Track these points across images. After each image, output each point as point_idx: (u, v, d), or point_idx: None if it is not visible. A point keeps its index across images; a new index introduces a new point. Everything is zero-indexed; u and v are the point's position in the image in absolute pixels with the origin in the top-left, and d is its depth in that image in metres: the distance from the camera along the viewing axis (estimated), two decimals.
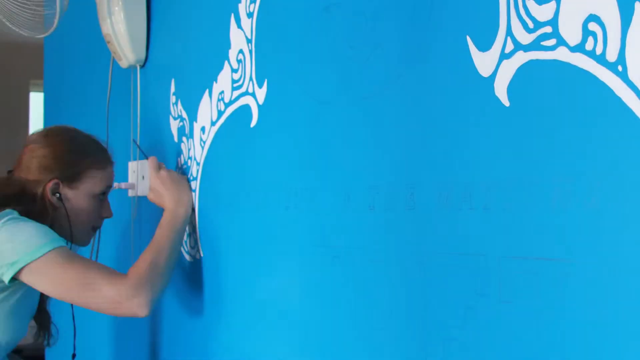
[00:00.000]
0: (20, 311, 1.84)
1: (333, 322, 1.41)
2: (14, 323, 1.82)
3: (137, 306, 1.69)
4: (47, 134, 1.98)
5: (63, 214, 1.87)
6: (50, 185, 1.86)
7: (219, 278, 1.87)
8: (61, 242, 1.73)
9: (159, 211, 2.16)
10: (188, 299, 2.05)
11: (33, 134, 2.00)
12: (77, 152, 1.94)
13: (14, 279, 1.70)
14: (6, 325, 1.81)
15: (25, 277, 1.70)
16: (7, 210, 1.76)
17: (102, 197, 1.96)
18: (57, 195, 1.87)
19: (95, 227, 2.00)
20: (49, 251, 1.69)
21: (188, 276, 2.02)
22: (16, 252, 1.68)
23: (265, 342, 1.65)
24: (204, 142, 1.90)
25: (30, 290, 1.81)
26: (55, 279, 1.70)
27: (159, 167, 1.95)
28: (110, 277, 1.71)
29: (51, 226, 1.80)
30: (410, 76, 1.23)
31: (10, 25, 2.15)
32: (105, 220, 2.04)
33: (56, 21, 2.15)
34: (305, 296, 1.50)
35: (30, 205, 1.83)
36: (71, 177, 1.90)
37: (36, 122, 7.13)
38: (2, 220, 1.72)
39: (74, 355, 2.05)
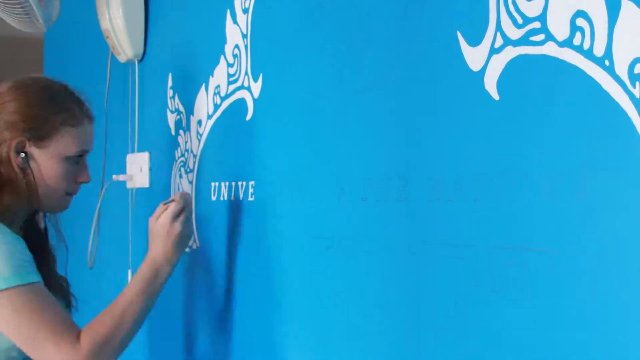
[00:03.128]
0: None
1: (326, 311, 1.43)
2: None
3: None
4: (15, 85, 1.67)
5: (26, 183, 1.59)
6: (14, 143, 1.58)
7: (214, 268, 1.88)
8: (28, 277, 1.50)
9: (156, 203, 2.17)
10: (185, 288, 2.05)
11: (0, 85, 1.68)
12: (48, 106, 1.63)
13: None
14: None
15: None
16: None
17: (77, 159, 1.65)
18: (23, 155, 1.59)
19: (70, 193, 1.68)
20: (5, 289, 1.47)
21: (185, 266, 2.03)
22: None
23: (259, 330, 1.67)
24: (201, 135, 1.91)
25: None
26: (6, 324, 1.49)
27: (156, 218, 1.64)
28: (60, 340, 1.47)
29: (26, 192, 1.59)
30: (402, 71, 1.24)
31: (11, 23, 2.16)
32: (103, 212, 2.00)
33: (53, 18, 2.16)
34: (299, 286, 1.51)
35: None
36: (40, 134, 1.60)
37: None
38: None
39: None
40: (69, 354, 1.46)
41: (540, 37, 1.01)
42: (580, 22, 0.95)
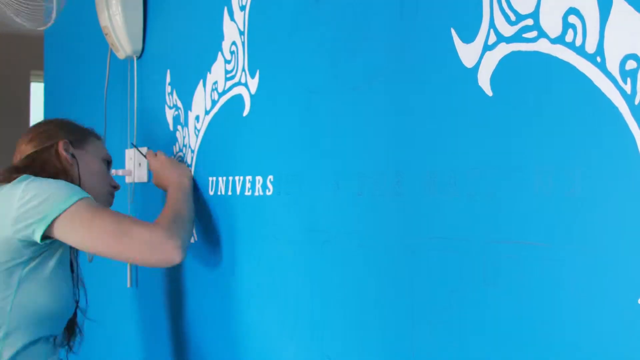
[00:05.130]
0: (59, 276, 1.75)
1: (323, 303, 1.44)
2: (56, 288, 1.73)
3: (172, 249, 1.62)
4: (38, 123, 1.96)
5: (77, 173, 1.82)
6: (61, 144, 1.84)
7: (212, 261, 1.89)
8: (86, 193, 1.67)
9: (155, 197, 2.18)
10: (183, 281, 2.06)
11: (23, 134, 1.93)
12: (75, 124, 1.95)
13: (46, 237, 1.62)
14: (49, 291, 1.71)
15: (57, 232, 1.61)
16: (24, 175, 1.69)
17: (107, 165, 1.95)
18: (70, 153, 1.84)
19: (112, 195, 1.96)
20: (78, 200, 1.62)
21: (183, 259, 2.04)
22: (44, 207, 1.60)
23: (257, 323, 1.67)
24: (199, 131, 1.92)
25: (64, 256, 1.76)
26: (88, 228, 1.61)
27: (155, 154, 1.98)
28: (142, 223, 1.65)
29: (78, 181, 1.82)
30: (397, 67, 1.25)
31: (14, 18, 2.17)
32: None
33: (54, 15, 2.17)
34: (296, 279, 1.52)
35: (45, 166, 1.79)
36: (77, 139, 1.89)
37: (37, 111, 7.13)
38: (24, 183, 1.64)
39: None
40: (157, 230, 1.63)
41: (532, 34, 1.01)
42: (572, 19, 0.96)
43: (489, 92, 1.08)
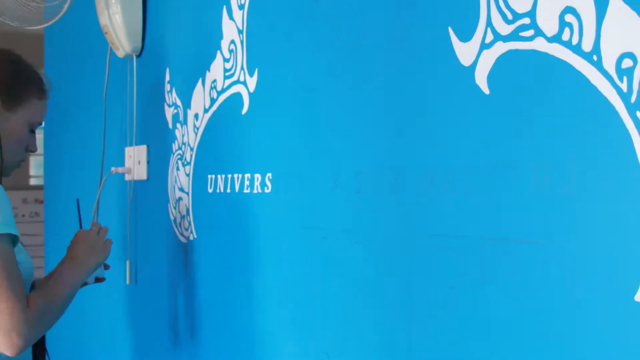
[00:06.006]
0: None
1: (321, 299, 1.44)
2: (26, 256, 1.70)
3: (12, 348, 1.54)
4: None
5: None
6: None
7: (210, 258, 1.89)
8: (6, 226, 1.57)
9: (154, 195, 2.19)
10: (182, 278, 2.06)
11: None
12: (21, 77, 1.79)
13: None
14: (26, 256, 1.69)
15: None
16: None
17: (34, 128, 1.81)
18: None
19: (21, 161, 1.83)
20: None
21: (182, 257, 2.04)
22: None
23: (255, 320, 1.68)
24: (198, 129, 1.92)
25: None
26: None
27: (97, 228, 1.89)
28: (11, 305, 1.53)
29: None
30: (395, 66, 1.26)
31: (9, 22, 2.17)
32: (102, 202, 2.01)
33: (59, 15, 2.18)
34: (295, 276, 1.53)
35: None
36: (12, 98, 1.75)
37: None
38: None
39: None
40: (15, 320, 1.53)
41: (529, 32, 1.02)
42: (569, 18, 0.96)
43: (486, 91, 1.09)
